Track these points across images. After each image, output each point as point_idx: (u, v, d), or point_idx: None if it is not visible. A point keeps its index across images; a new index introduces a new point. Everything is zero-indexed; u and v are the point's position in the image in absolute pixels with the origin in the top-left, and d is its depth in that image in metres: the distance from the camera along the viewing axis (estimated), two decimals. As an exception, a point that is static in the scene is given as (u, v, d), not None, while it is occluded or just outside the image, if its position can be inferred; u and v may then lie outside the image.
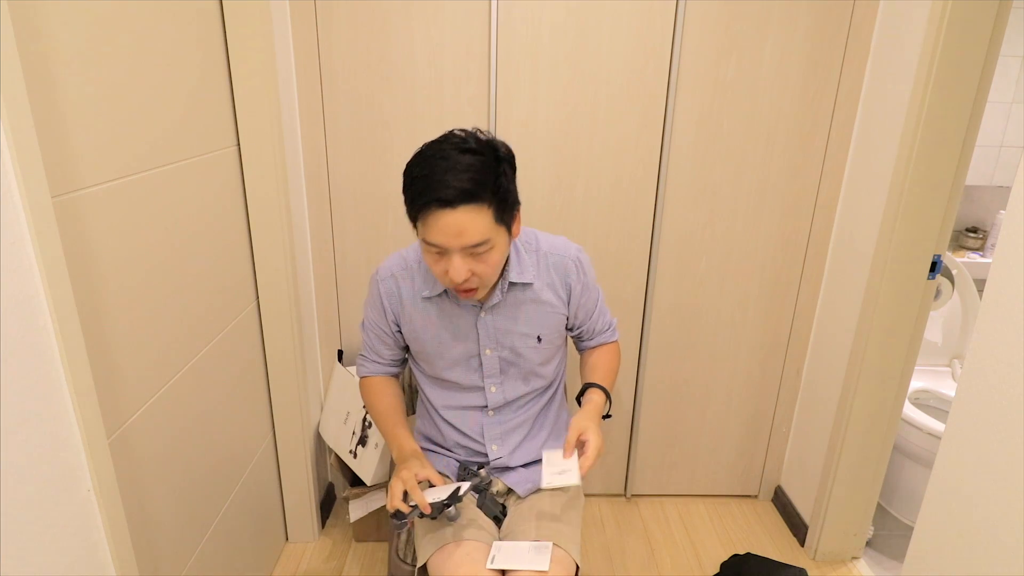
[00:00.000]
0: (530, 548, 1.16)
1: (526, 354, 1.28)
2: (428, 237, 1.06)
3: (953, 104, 1.44)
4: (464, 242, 1.05)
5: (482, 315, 1.24)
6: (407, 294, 1.27)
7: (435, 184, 1.02)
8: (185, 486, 1.30)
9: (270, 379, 1.72)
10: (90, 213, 0.98)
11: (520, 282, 1.24)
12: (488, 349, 1.26)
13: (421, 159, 1.07)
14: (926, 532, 1.09)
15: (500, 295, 1.23)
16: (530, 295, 1.25)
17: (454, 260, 1.06)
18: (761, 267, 1.91)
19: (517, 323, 1.26)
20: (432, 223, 1.04)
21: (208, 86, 1.36)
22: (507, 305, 1.25)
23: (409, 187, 1.07)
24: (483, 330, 1.25)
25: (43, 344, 0.82)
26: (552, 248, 1.28)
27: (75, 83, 0.95)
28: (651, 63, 1.69)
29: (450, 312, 1.25)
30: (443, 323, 1.26)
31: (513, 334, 1.26)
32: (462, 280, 1.09)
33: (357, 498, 1.88)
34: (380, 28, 1.65)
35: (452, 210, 1.02)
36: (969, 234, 2.54)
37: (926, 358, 2.28)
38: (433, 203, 1.02)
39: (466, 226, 1.03)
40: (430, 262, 1.12)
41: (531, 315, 1.26)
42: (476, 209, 1.03)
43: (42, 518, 0.83)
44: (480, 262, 1.09)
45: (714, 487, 2.20)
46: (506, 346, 1.27)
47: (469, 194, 1.02)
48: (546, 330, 1.28)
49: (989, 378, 0.94)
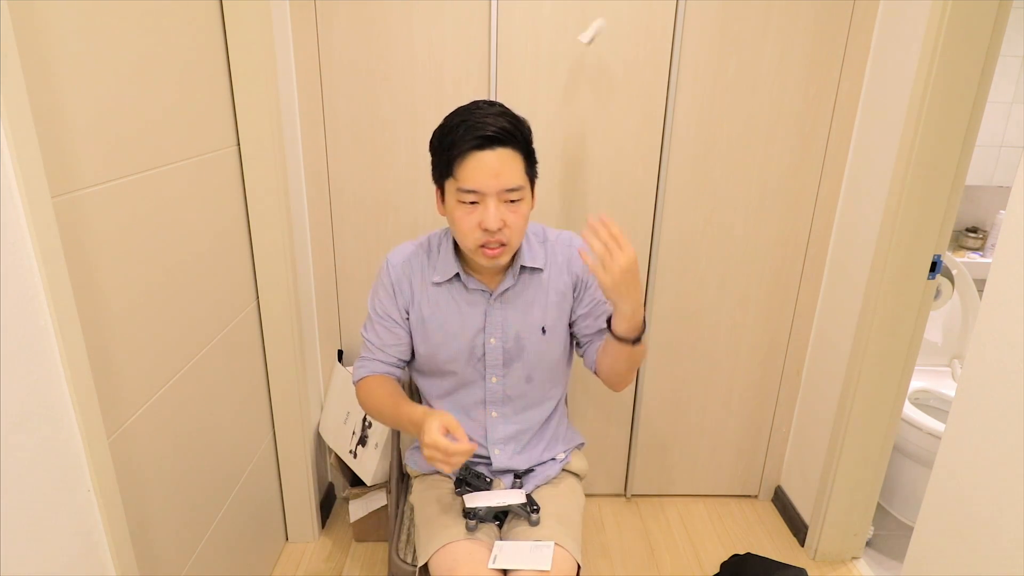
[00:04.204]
0: (532, 548, 1.16)
1: (529, 347, 1.28)
2: (466, 183, 1.09)
3: (953, 104, 1.44)
4: (502, 184, 1.09)
5: (492, 303, 1.25)
6: (417, 281, 1.28)
7: (475, 125, 1.08)
8: (185, 486, 1.30)
9: (270, 379, 1.72)
10: (90, 213, 0.98)
11: (531, 266, 1.26)
12: (493, 338, 1.27)
13: (454, 115, 1.13)
14: (926, 532, 1.09)
15: (512, 279, 1.25)
16: (539, 281, 1.27)
17: (490, 206, 1.10)
18: (761, 267, 1.91)
19: (523, 312, 1.27)
20: (472, 166, 1.09)
21: (208, 86, 1.36)
22: (517, 292, 1.26)
23: (445, 136, 1.11)
24: (491, 317, 1.26)
25: (43, 344, 0.82)
26: (559, 239, 1.31)
27: (75, 83, 0.95)
28: (651, 63, 1.69)
29: (460, 299, 1.26)
30: (451, 310, 1.26)
31: (520, 323, 1.27)
32: (497, 228, 1.10)
33: (357, 498, 1.88)
34: (380, 28, 1.65)
35: (491, 150, 1.08)
36: (969, 234, 2.54)
37: (926, 358, 2.27)
38: (473, 143, 1.08)
39: (504, 167, 1.09)
40: (460, 217, 1.13)
41: (539, 303, 1.28)
42: (512, 154, 1.10)
43: (42, 518, 0.83)
44: (512, 212, 1.12)
45: (714, 487, 2.20)
46: (511, 335, 1.27)
47: (508, 134, 1.09)
48: (551, 321, 1.28)
49: (989, 378, 0.94)
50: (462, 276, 1.25)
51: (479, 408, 1.32)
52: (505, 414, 1.33)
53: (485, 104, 1.14)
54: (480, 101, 1.15)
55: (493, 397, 1.31)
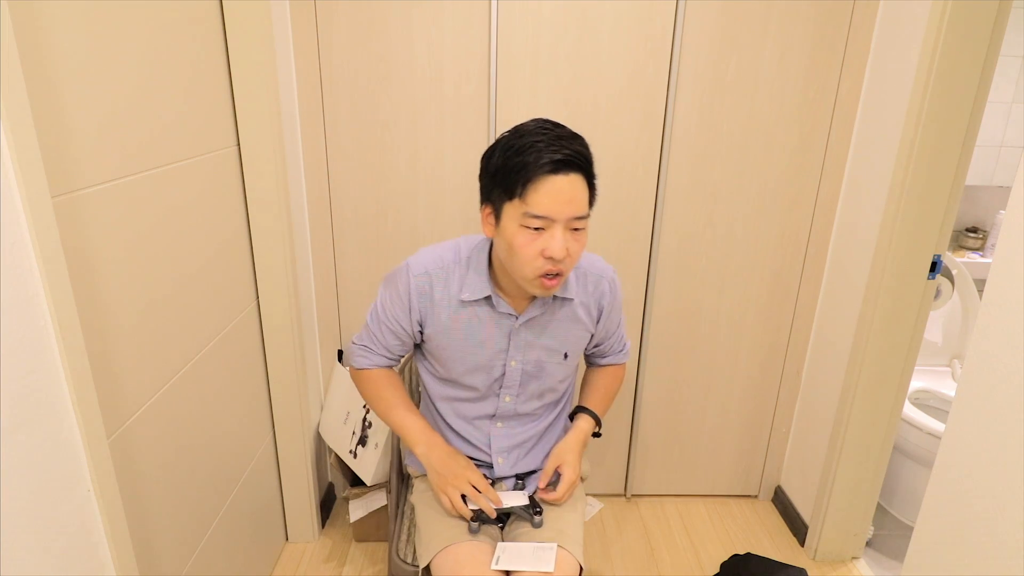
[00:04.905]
0: (535, 549, 1.17)
1: (549, 369, 1.27)
2: (536, 208, 1.02)
3: (953, 104, 1.44)
4: (574, 211, 1.03)
5: (516, 327, 1.22)
6: (440, 295, 1.21)
7: (551, 147, 1.01)
8: (185, 486, 1.30)
9: (270, 379, 1.72)
10: (90, 213, 0.98)
11: (563, 297, 1.22)
12: (514, 361, 1.25)
13: (519, 132, 1.05)
14: (926, 532, 1.09)
15: (540, 307, 1.21)
16: (567, 311, 1.25)
17: (557, 234, 1.03)
18: (761, 267, 1.91)
19: (548, 338, 1.25)
20: (544, 190, 1.01)
21: (208, 86, 1.36)
22: (544, 319, 1.23)
23: (513, 157, 1.03)
24: (515, 342, 1.23)
25: (43, 344, 0.82)
26: (591, 266, 1.27)
27: (75, 83, 0.95)
28: (651, 63, 1.69)
29: (485, 319, 1.21)
30: (473, 329, 1.22)
31: (543, 348, 1.25)
32: (562, 257, 1.04)
33: (357, 498, 1.88)
34: (380, 28, 1.65)
35: (565, 176, 1.01)
36: (969, 234, 2.54)
37: (926, 358, 2.28)
38: (548, 168, 1.00)
39: (576, 193, 1.03)
40: (524, 243, 1.05)
41: (563, 331, 1.26)
42: (582, 180, 1.04)
43: (42, 518, 0.83)
44: (575, 240, 1.07)
45: (714, 487, 2.20)
46: (532, 360, 1.25)
47: (583, 159, 1.03)
48: (572, 347, 1.28)
49: (989, 378, 0.94)
50: (493, 298, 1.20)
51: (485, 419, 1.32)
52: (511, 426, 1.33)
53: (552, 125, 1.07)
54: (545, 121, 1.08)
55: (504, 413, 1.31)
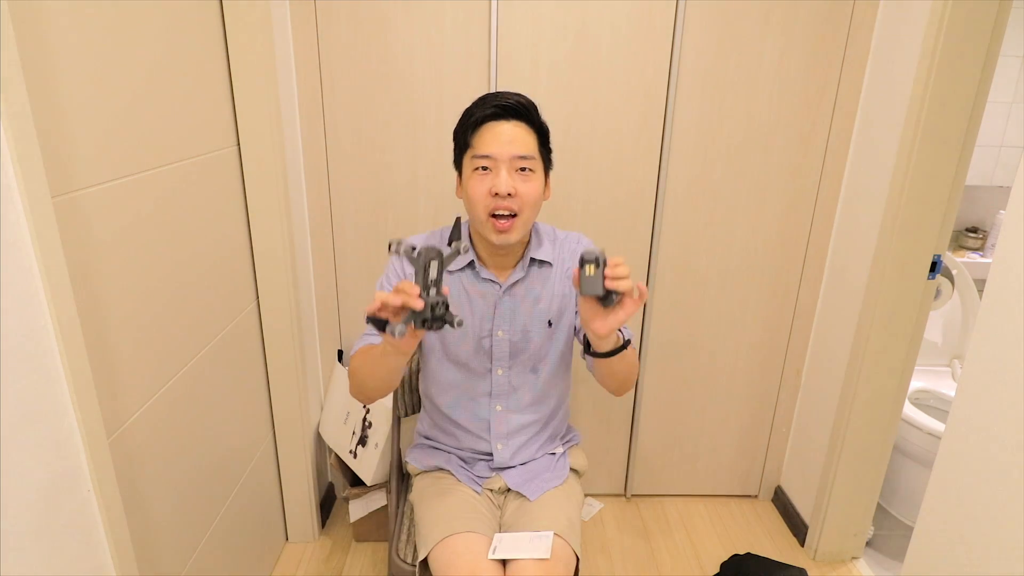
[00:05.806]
0: (531, 538, 1.18)
1: (535, 339, 1.30)
2: (480, 149, 1.17)
3: (953, 104, 1.44)
4: (514, 150, 1.16)
5: (502, 295, 1.28)
6: None
7: (493, 98, 1.19)
8: (185, 486, 1.30)
9: (270, 379, 1.72)
10: (90, 213, 0.98)
11: (540, 259, 1.29)
12: (501, 330, 1.29)
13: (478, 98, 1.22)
14: (926, 532, 1.09)
15: (522, 271, 1.28)
16: (547, 276, 1.30)
17: (501, 172, 1.16)
18: (761, 267, 1.91)
19: (532, 304, 1.29)
20: (487, 134, 1.17)
21: (208, 86, 1.36)
22: (526, 286, 1.29)
23: (467, 113, 1.21)
24: (500, 309, 1.28)
25: (43, 344, 0.82)
26: (567, 237, 1.35)
27: (75, 83, 0.95)
28: (651, 63, 1.69)
29: (471, 289, 1.28)
30: (462, 299, 1.28)
31: (526, 315, 1.29)
32: (507, 192, 1.15)
33: (357, 498, 1.88)
34: (380, 28, 1.65)
35: (507, 121, 1.17)
36: (969, 234, 2.54)
37: (926, 358, 2.27)
38: (490, 112, 1.17)
39: (517, 136, 1.17)
40: (474, 185, 1.18)
41: (546, 297, 1.29)
42: (526, 128, 1.19)
43: (42, 518, 0.83)
44: (523, 181, 1.18)
45: (714, 487, 2.20)
46: (518, 328, 1.29)
47: (523, 107, 1.18)
48: (556, 314, 1.30)
49: (989, 378, 0.94)
50: (476, 265, 1.27)
51: (484, 401, 1.33)
52: (509, 408, 1.34)
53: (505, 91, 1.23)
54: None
55: (499, 390, 1.32)
